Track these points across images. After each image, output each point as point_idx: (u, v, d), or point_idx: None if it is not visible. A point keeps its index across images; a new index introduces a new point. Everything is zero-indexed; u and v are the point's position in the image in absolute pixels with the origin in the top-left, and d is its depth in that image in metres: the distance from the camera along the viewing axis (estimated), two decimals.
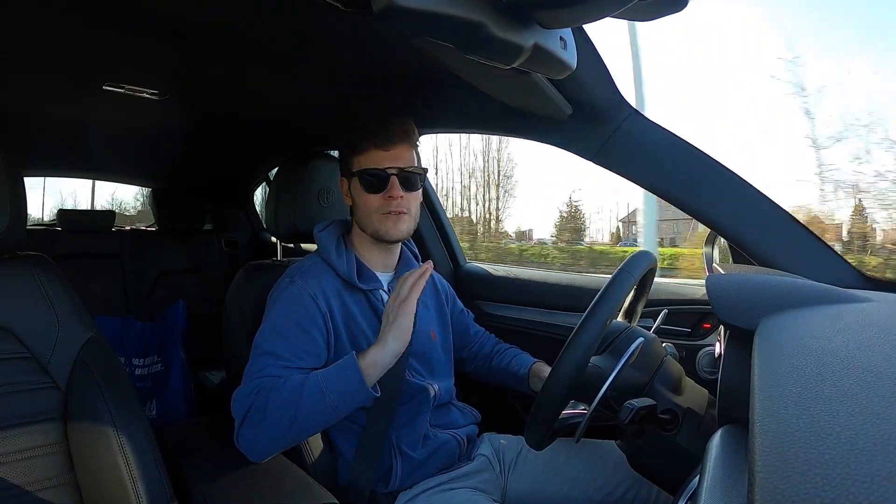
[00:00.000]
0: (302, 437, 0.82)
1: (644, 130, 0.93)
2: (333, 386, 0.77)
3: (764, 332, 0.53)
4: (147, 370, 1.93)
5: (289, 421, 0.76)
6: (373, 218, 0.93)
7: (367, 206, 0.92)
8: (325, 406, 0.77)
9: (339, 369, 0.79)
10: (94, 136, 1.63)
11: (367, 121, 0.93)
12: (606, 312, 0.72)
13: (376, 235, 0.94)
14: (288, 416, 0.76)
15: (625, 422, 0.68)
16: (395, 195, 0.91)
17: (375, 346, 0.80)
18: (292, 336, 0.85)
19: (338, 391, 0.77)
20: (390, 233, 0.93)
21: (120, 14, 0.78)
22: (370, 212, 0.92)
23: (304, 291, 0.89)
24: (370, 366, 0.79)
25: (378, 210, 0.92)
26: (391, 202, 0.91)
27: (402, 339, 0.80)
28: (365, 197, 0.92)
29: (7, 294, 0.81)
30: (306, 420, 0.77)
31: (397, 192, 0.91)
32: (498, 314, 1.39)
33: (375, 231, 0.94)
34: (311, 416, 0.77)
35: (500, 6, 0.47)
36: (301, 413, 0.76)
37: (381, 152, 0.91)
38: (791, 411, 0.33)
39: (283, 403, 0.77)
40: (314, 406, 0.77)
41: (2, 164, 0.79)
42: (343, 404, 0.78)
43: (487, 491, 0.93)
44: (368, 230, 0.95)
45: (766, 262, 0.87)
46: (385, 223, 0.92)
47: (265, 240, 2.45)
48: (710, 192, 0.90)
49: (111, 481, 0.77)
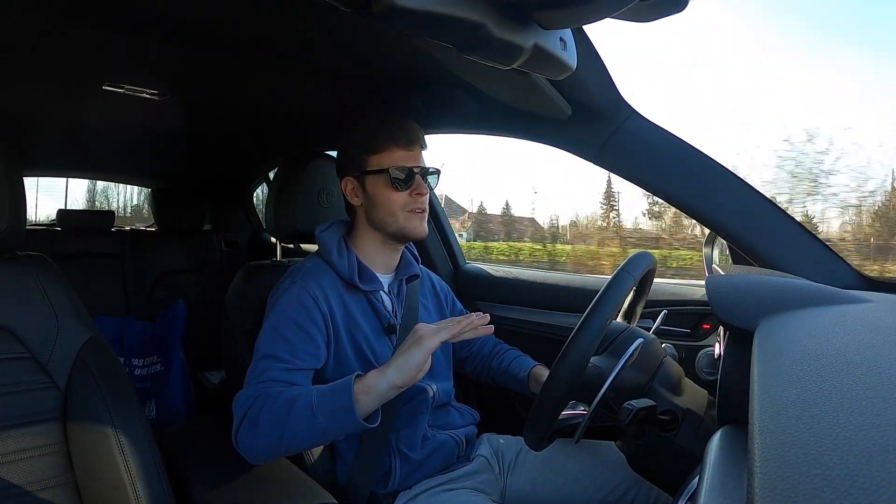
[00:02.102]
0: (297, 449, 0.81)
1: (644, 131, 0.93)
2: (324, 406, 0.74)
3: (763, 333, 0.53)
4: (147, 370, 1.92)
5: (279, 434, 0.75)
6: (398, 216, 0.93)
7: (392, 203, 0.92)
8: (313, 427, 0.74)
9: (334, 389, 0.76)
10: (93, 136, 1.63)
11: (382, 121, 0.94)
12: (606, 313, 0.72)
13: (401, 233, 0.94)
14: (278, 430, 0.75)
15: (624, 422, 0.68)
16: (423, 192, 0.93)
17: (377, 370, 0.77)
18: (292, 337, 0.85)
19: (328, 413, 0.74)
20: (417, 230, 0.94)
21: (120, 14, 0.78)
22: (395, 210, 0.92)
23: (304, 292, 0.89)
24: (365, 391, 0.74)
25: (405, 207, 0.92)
26: (418, 199, 0.92)
27: (406, 373, 0.74)
28: (390, 195, 0.92)
29: (7, 294, 0.81)
30: (295, 438, 0.75)
31: (424, 188, 0.93)
32: (498, 315, 1.39)
33: (401, 229, 0.93)
34: (301, 435, 0.75)
35: (500, 7, 0.47)
36: (290, 427, 0.74)
37: (405, 152, 0.93)
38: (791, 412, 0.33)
39: (275, 416, 0.75)
40: (303, 424, 0.74)
41: (2, 164, 0.79)
42: (332, 427, 0.74)
43: (486, 491, 0.93)
44: (391, 228, 0.94)
45: (765, 263, 0.87)
46: (412, 220, 0.93)
47: (265, 240, 2.45)
48: (710, 193, 0.90)
49: (111, 481, 0.77)
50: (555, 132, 1.01)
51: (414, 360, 0.74)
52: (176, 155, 1.90)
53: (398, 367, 0.75)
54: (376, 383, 0.75)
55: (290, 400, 0.76)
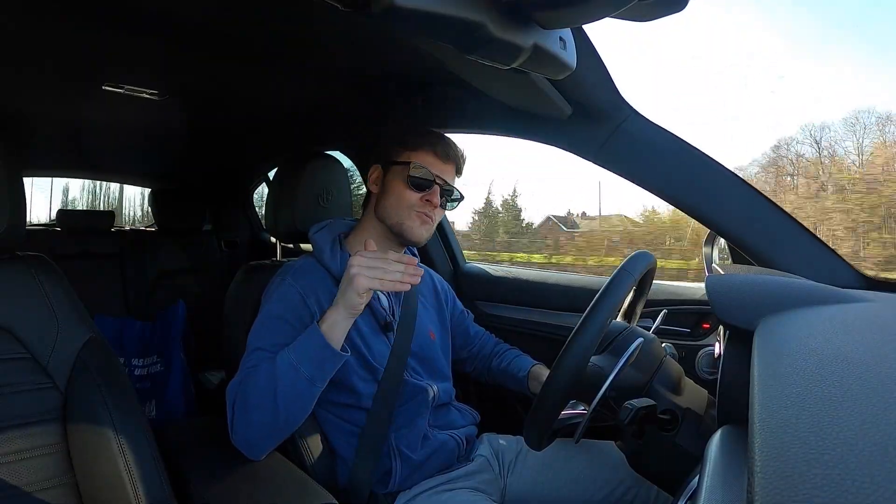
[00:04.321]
0: (291, 421, 0.81)
1: (644, 131, 0.93)
2: (302, 356, 0.78)
3: (763, 333, 0.53)
4: (147, 370, 1.92)
5: (271, 405, 0.77)
6: (402, 211, 0.94)
7: (403, 199, 0.94)
8: (300, 380, 0.78)
9: (303, 339, 0.80)
10: (93, 136, 1.63)
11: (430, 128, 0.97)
12: (606, 312, 0.72)
13: (398, 229, 0.95)
14: (269, 400, 0.77)
15: (624, 422, 0.68)
16: (434, 201, 0.94)
17: (332, 306, 0.81)
18: (280, 331, 0.86)
19: (307, 360, 0.78)
20: (414, 231, 0.94)
21: (120, 14, 0.78)
22: (402, 205, 0.94)
23: (292, 289, 0.90)
24: (330, 328, 0.79)
25: (412, 207, 0.93)
26: (427, 206, 0.93)
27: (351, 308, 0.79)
28: (404, 191, 0.94)
29: (7, 294, 0.81)
30: (287, 400, 0.78)
31: (437, 199, 0.94)
32: (498, 315, 1.39)
33: (399, 224, 0.94)
34: (291, 395, 0.78)
35: (500, 6, 0.47)
36: (281, 394, 0.77)
37: (436, 160, 0.95)
38: (791, 411, 0.33)
39: (262, 389, 0.78)
40: (291, 384, 0.77)
41: (2, 164, 0.79)
42: (317, 371, 0.79)
43: (487, 491, 0.93)
44: (391, 221, 0.95)
45: (765, 263, 0.87)
46: (413, 220, 0.94)
47: (265, 240, 2.45)
48: (710, 193, 0.90)
49: (110, 482, 0.77)
50: (555, 132, 1.01)
51: (351, 300, 0.79)
52: (176, 155, 1.91)
53: (345, 303, 0.80)
54: (336, 314, 0.80)
55: (270, 367, 0.79)
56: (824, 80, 8.86)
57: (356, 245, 0.98)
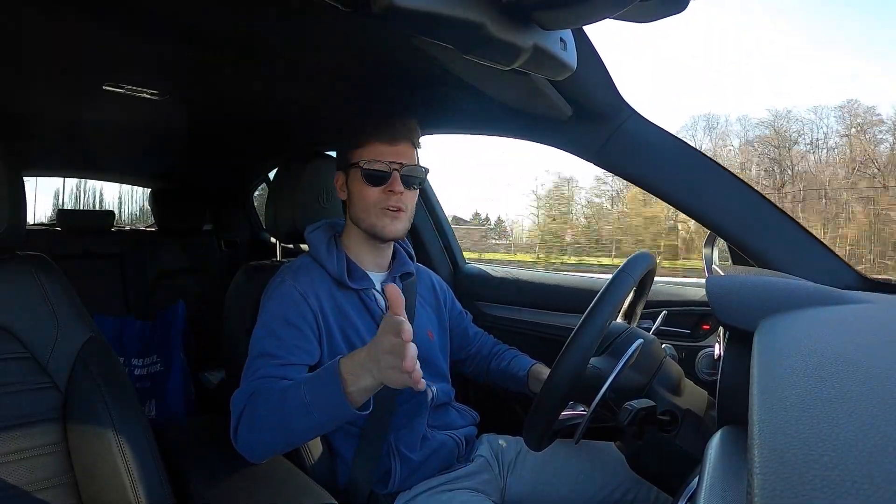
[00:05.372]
0: (297, 444, 0.81)
1: (644, 131, 0.93)
2: (316, 401, 0.71)
3: (763, 334, 0.53)
4: (146, 370, 1.93)
5: (277, 431, 0.76)
6: (370, 212, 0.92)
7: (366, 199, 0.92)
8: (310, 423, 0.73)
9: (321, 388, 0.72)
10: (94, 136, 1.63)
11: (369, 116, 0.93)
12: (606, 313, 0.72)
13: (371, 231, 0.93)
14: (276, 427, 0.75)
15: (624, 423, 0.68)
16: (395, 189, 0.90)
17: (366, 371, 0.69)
18: (283, 334, 0.85)
19: (321, 409, 0.71)
20: (386, 230, 0.92)
21: (120, 14, 0.78)
22: (368, 206, 0.92)
23: (293, 290, 0.89)
24: (358, 392, 0.70)
25: (377, 204, 0.91)
26: (391, 197, 0.91)
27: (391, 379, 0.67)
28: (364, 190, 0.92)
29: (7, 294, 0.81)
30: (294, 434, 0.76)
31: (398, 186, 0.91)
32: (497, 315, 1.39)
33: (371, 226, 0.93)
34: (301, 429, 0.75)
35: (500, 7, 0.47)
36: (287, 427, 0.75)
37: (385, 147, 0.91)
38: (790, 413, 0.33)
39: (271, 413, 0.76)
40: (301, 419, 0.73)
41: (2, 164, 0.79)
42: (329, 420, 0.73)
43: (486, 492, 0.93)
44: (363, 224, 0.94)
45: (765, 264, 0.87)
46: (382, 219, 0.92)
47: (265, 240, 2.45)
48: (710, 194, 0.90)
49: (110, 482, 0.77)
50: (555, 132, 1.01)
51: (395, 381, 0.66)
52: (176, 155, 1.90)
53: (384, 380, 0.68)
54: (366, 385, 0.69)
55: (280, 398, 0.75)
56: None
57: (351, 246, 0.98)
